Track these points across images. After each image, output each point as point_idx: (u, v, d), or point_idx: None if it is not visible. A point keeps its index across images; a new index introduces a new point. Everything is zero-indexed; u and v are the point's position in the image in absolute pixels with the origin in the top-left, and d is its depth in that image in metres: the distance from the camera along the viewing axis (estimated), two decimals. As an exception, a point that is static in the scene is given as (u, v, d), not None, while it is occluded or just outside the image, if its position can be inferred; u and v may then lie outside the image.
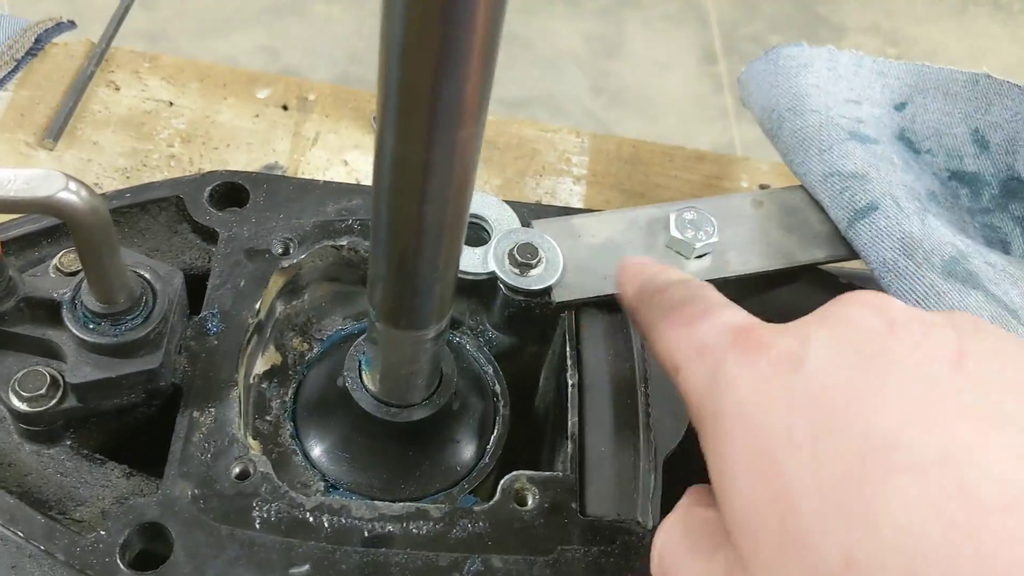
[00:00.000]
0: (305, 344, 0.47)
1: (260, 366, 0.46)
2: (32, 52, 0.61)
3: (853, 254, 0.49)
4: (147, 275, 0.39)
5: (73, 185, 0.33)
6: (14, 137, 0.58)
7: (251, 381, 0.45)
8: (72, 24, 0.64)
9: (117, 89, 0.61)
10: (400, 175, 0.30)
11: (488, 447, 0.45)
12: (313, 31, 1.97)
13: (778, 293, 0.50)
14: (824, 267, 0.50)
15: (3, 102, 0.59)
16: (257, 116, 0.61)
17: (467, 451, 0.44)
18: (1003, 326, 0.41)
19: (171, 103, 0.61)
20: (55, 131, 0.58)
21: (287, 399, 0.45)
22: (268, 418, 0.44)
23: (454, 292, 0.37)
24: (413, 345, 0.38)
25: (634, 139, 0.66)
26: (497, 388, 0.47)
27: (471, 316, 0.49)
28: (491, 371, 0.47)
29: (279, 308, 0.47)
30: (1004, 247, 0.51)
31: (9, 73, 0.59)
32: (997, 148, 0.52)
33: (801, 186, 0.52)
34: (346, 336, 0.47)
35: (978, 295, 0.42)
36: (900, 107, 0.55)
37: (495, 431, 0.45)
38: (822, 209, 0.50)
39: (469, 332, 0.49)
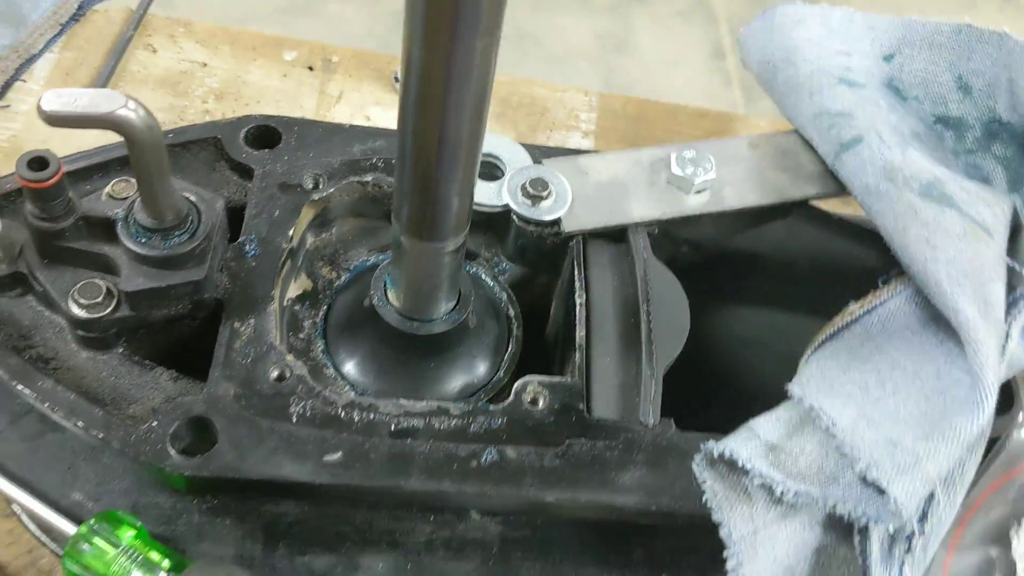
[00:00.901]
0: (334, 272, 0.51)
1: (293, 291, 0.50)
2: (75, 17, 0.65)
3: (841, 190, 0.52)
4: (193, 198, 0.43)
5: (132, 104, 0.37)
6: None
7: (284, 303, 0.49)
8: (112, -8, 0.68)
9: (154, 51, 0.65)
10: (425, 85, 0.34)
11: (503, 363, 0.48)
12: (328, 30, 2.01)
13: (771, 227, 0.54)
14: (814, 203, 0.54)
15: (49, 63, 0.63)
16: (285, 76, 0.66)
17: (483, 366, 0.48)
18: (974, 239, 0.45)
19: (204, 64, 0.65)
20: (102, 84, 0.62)
21: (318, 319, 0.49)
22: (301, 336, 0.48)
23: (471, 208, 0.41)
24: (434, 258, 0.42)
25: (640, 98, 0.70)
26: (511, 312, 0.51)
27: (487, 248, 0.53)
28: (505, 297, 0.51)
29: (309, 239, 0.51)
30: (986, 184, 0.55)
31: (55, 36, 0.64)
32: (979, 93, 0.56)
33: (794, 131, 0.55)
34: (371, 266, 0.51)
35: (952, 213, 0.46)
36: (888, 58, 0.58)
37: (509, 349, 0.49)
38: (813, 151, 0.54)
39: (485, 263, 0.52)
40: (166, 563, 0.41)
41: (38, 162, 0.40)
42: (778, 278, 0.52)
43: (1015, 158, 0.54)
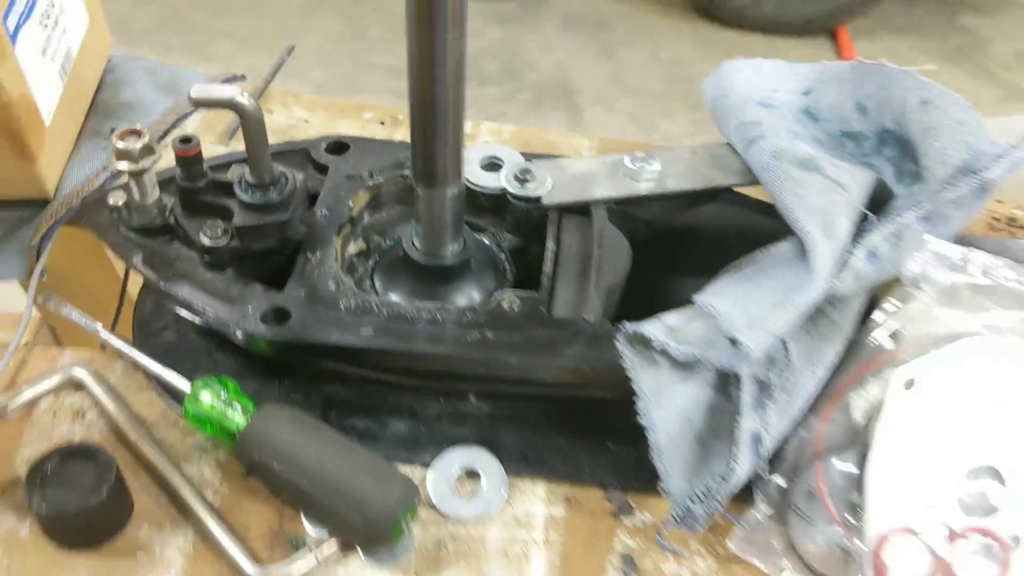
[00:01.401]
0: (383, 240, 0.71)
1: (352, 249, 0.70)
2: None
3: (755, 179, 0.70)
4: (284, 170, 0.65)
5: (245, 93, 0.59)
6: (205, 138, 0.86)
7: (345, 256, 0.69)
8: (243, 77, 0.93)
9: (271, 112, 0.89)
10: (418, 66, 0.54)
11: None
12: (394, 99, 2.34)
13: (705, 208, 0.72)
14: (738, 189, 0.72)
15: (196, 119, 0.88)
16: (363, 128, 0.88)
17: (480, 295, 0.67)
18: (830, 191, 0.61)
19: (306, 120, 0.88)
20: (229, 135, 0.85)
21: (368, 266, 0.69)
22: (355, 276, 0.68)
23: (460, 162, 0.60)
24: (439, 202, 0.62)
25: (633, 141, 0.89)
26: (507, 268, 0.70)
27: (491, 224, 0.72)
28: (504, 258, 0.70)
29: (366, 217, 0.72)
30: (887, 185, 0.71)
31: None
32: (872, 111, 0.73)
33: (726, 143, 0.74)
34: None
35: (818, 176, 0.63)
36: (807, 93, 0.76)
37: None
38: (737, 154, 0.72)
39: (490, 235, 0.72)
40: (250, 407, 0.60)
41: (186, 139, 0.62)
42: (712, 248, 0.68)
43: (898, 156, 0.71)
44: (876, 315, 0.61)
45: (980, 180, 0.60)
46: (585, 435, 0.63)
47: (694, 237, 0.73)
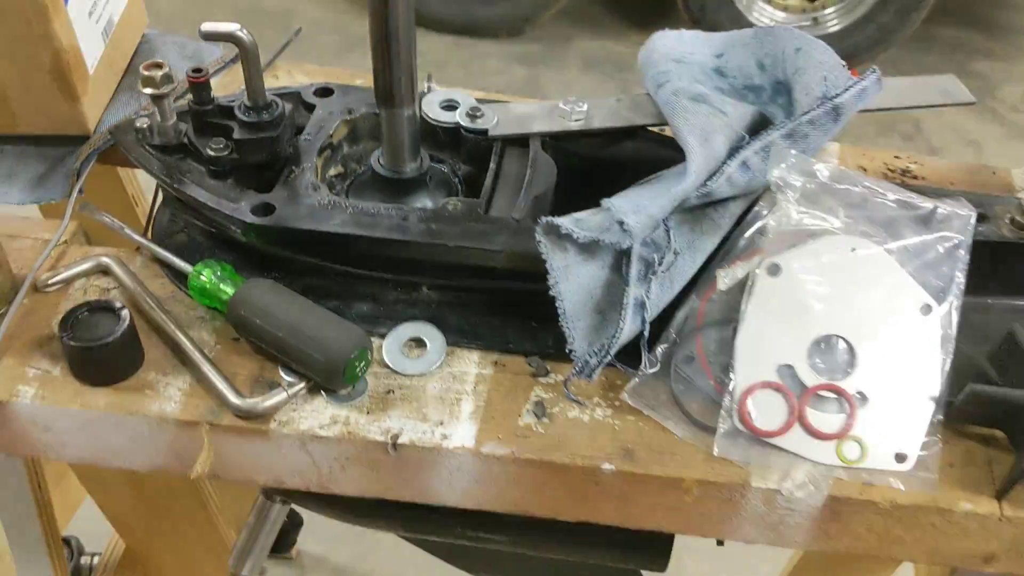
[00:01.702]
0: (357, 167, 0.86)
1: (332, 171, 0.85)
2: (234, 60, 1.06)
3: (664, 119, 0.84)
4: (276, 98, 0.80)
5: (244, 30, 0.74)
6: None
7: (326, 176, 0.84)
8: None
9: (276, 78, 1.05)
10: (377, 5, 0.69)
11: (447, 206, 0.82)
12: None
13: (623, 144, 0.86)
14: (652, 129, 0.86)
15: (215, 83, 1.03)
16: (353, 92, 1.03)
17: (434, 206, 0.81)
18: (713, 116, 0.75)
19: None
20: (239, 94, 1.01)
21: (344, 186, 0.84)
22: (334, 192, 0.83)
23: (414, 87, 0.75)
24: (397, 120, 0.76)
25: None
26: (459, 189, 0.84)
27: (448, 157, 0.86)
28: (456, 181, 0.85)
29: (345, 147, 0.86)
30: (771, 120, 0.85)
31: (221, 68, 1.04)
32: (769, 67, 0.87)
33: (646, 92, 0.88)
34: (380, 163, 0.86)
35: (705, 106, 0.77)
36: (718, 56, 0.91)
37: (452, 200, 0.82)
38: (653, 101, 0.86)
39: (447, 165, 0.86)
40: (240, 282, 0.74)
41: (197, 70, 0.78)
42: (630, 177, 0.82)
43: (786, 102, 0.85)
44: (749, 216, 0.75)
45: (832, 104, 0.74)
46: (513, 317, 0.77)
47: (616, 167, 0.87)
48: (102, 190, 1.07)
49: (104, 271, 0.79)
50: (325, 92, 0.88)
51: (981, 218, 0.78)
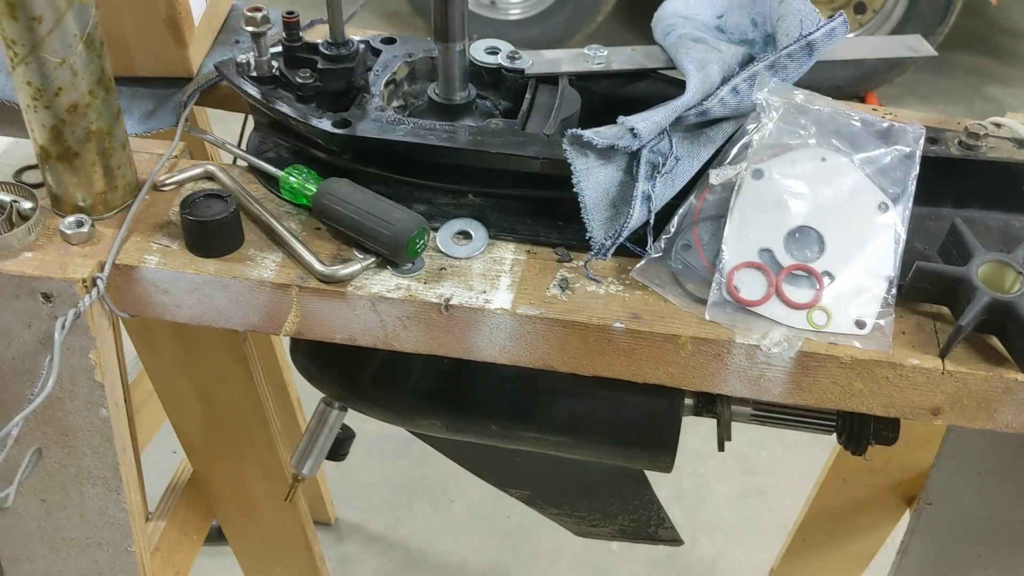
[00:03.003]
0: (416, 100, 1.04)
1: (394, 103, 1.02)
2: (310, 24, 1.24)
3: (672, 63, 1.01)
4: (353, 37, 0.98)
5: (331, -21, 0.92)
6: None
7: (390, 107, 1.01)
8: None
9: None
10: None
11: (490, 130, 0.98)
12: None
13: (637, 84, 1.03)
14: (662, 72, 1.03)
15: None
16: (409, 54, 1.21)
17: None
18: (709, 52, 0.92)
19: (368, 48, 1.22)
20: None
21: (406, 114, 1.01)
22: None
23: (465, 23, 0.92)
24: (451, 55, 0.94)
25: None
26: (500, 117, 1.01)
27: (491, 96, 1.03)
28: (497, 112, 1.02)
29: (405, 85, 1.04)
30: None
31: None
32: (761, 24, 1.03)
33: (657, 44, 1.05)
34: (435, 100, 1.03)
35: (702, 45, 0.93)
36: (719, 16, 1.08)
37: (495, 126, 0.99)
38: (664, 50, 1.03)
39: (489, 101, 1.03)
40: (320, 183, 0.91)
41: (291, 12, 0.96)
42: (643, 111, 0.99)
43: (772, 48, 1.01)
44: (738, 133, 0.91)
45: (807, 41, 0.90)
46: (543, 217, 0.94)
47: (629, 104, 1.03)
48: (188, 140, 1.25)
49: (209, 177, 0.97)
50: (389, 41, 1.06)
51: (933, 141, 0.93)
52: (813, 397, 0.86)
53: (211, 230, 0.87)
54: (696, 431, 2.47)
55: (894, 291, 0.85)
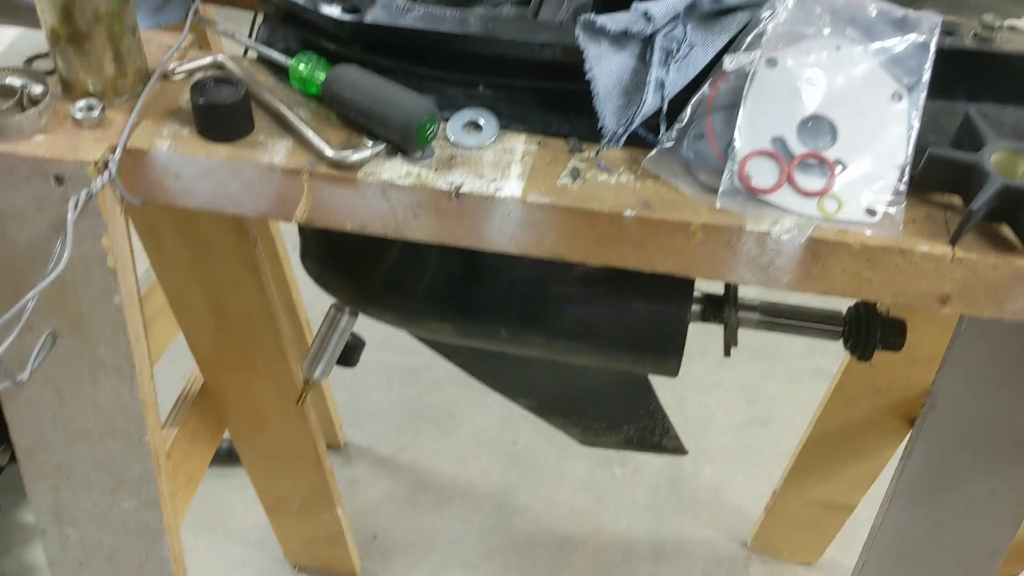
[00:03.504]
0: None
1: None
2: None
3: None
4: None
5: None
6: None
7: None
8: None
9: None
10: None
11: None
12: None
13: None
14: None
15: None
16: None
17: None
18: None
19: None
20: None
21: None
22: (406, 11, 0.99)
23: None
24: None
25: None
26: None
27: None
28: (509, 5, 1.01)
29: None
30: None
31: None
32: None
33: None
34: None
35: None
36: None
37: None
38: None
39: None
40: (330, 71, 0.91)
41: (301, -100, 0.94)
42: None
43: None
44: (752, 22, 0.90)
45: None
46: (555, 108, 0.93)
47: None
48: (198, 33, 1.25)
49: (219, 67, 0.96)
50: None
51: (948, 33, 0.92)
52: (822, 286, 0.86)
53: (222, 114, 0.86)
54: (701, 363, 2.49)
55: (906, 180, 0.85)
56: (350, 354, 1.30)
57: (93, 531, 1.10)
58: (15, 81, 0.89)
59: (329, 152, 0.86)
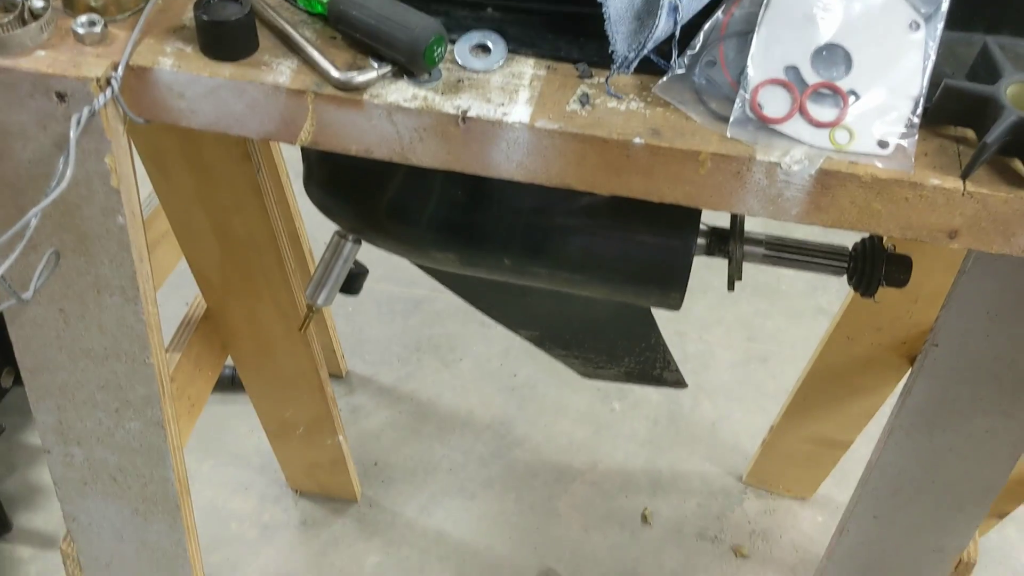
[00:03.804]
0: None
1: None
2: None
3: None
4: None
5: None
6: None
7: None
8: None
9: None
10: None
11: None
12: None
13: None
14: None
15: None
16: None
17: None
18: None
19: None
20: None
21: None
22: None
23: None
24: None
25: None
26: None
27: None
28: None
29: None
30: None
31: None
32: None
33: None
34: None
35: None
36: None
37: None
38: None
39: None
40: None
41: None
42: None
43: None
44: (769, -54, 0.88)
45: None
46: (565, 33, 0.91)
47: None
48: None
49: (223, -15, 0.94)
50: None
51: (971, -41, 0.90)
52: (830, 218, 0.86)
53: (226, 31, 0.85)
54: (703, 299, 2.50)
55: (919, 111, 0.84)
56: (353, 282, 1.30)
57: (98, 450, 1.11)
58: (15, -6, 0.87)
59: (335, 73, 0.85)
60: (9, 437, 2.08)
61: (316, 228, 1.85)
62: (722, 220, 1.15)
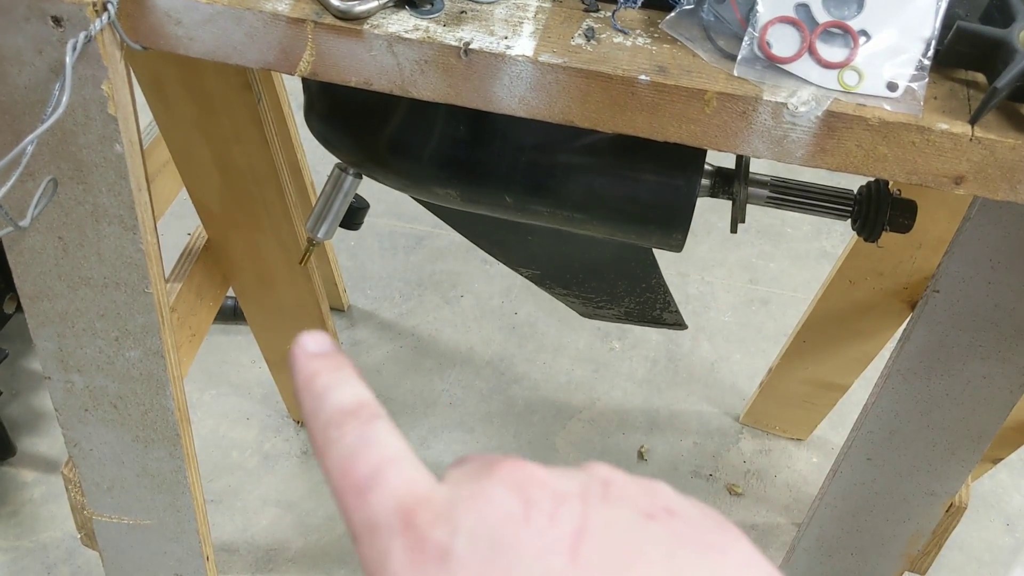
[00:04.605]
0: None
1: None
2: None
3: None
4: None
5: None
6: None
7: None
8: None
9: None
10: None
11: None
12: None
13: None
14: None
15: None
16: None
17: None
18: None
19: None
20: None
21: None
22: None
23: None
24: None
25: None
26: None
27: None
28: None
29: None
30: None
31: None
32: None
33: None
34: None
35: None
36: None
37: None
38: None
39: None
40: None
41: None
42: None
43: None
44: None
45: None
46: (572, -37, 0.89)
47: None
48: None
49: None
50: None
51: (992, -102, 0.88)
52: (835, 161, 0.85)
53: (225, -43, 0.83)
54: (706, 241, 2.49)
55: (931, 54, 0.82)
56: (353, 216, 1.30)
57: (99, 378, 1.12)
58: (9, -87, 0.85)
59: (335, 2, 0.83)
60: (12, 363, 2.10)
61: (318, 161, 1.84)
62: (727, 161, 1.14)
